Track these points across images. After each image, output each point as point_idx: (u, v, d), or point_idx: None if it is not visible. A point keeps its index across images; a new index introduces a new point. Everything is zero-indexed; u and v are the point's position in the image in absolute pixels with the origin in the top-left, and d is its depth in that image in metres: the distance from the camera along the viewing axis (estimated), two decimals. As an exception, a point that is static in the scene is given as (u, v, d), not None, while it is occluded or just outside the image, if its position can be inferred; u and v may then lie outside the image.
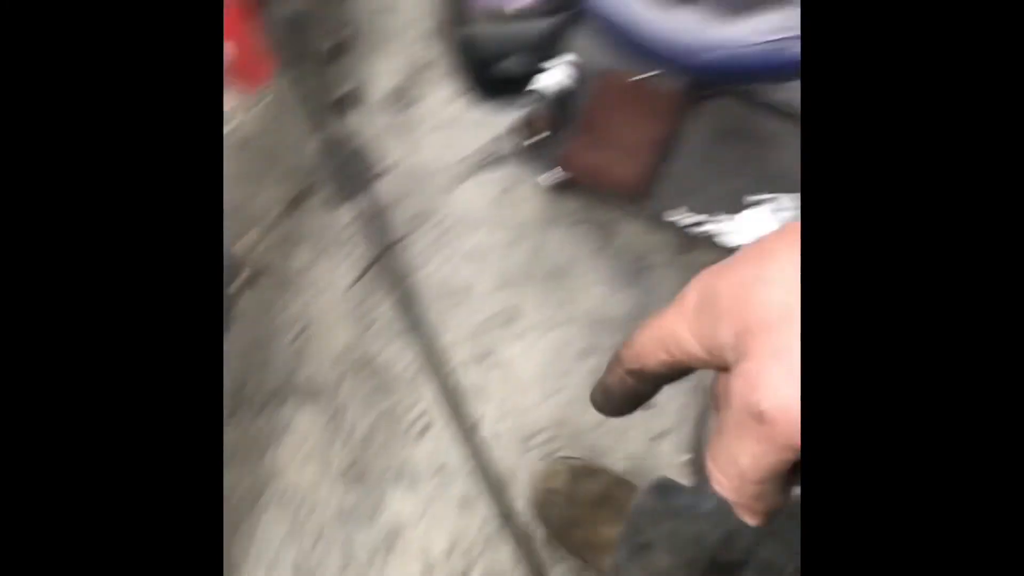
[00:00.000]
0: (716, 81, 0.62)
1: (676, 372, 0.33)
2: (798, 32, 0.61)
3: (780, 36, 0.62)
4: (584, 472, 0.92)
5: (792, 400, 0.26)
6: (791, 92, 0.96)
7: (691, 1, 0.67)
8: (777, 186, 0.94)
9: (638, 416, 0.40)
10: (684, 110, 1.00)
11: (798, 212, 0.90)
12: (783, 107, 0.98)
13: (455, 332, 1.06)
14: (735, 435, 0.28)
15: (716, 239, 0.95)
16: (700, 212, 0.95)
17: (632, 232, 1.07)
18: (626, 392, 0.35)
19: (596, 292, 1.06)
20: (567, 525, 0.92)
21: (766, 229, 0.90)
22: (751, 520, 0.31)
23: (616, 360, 0.35)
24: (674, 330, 0.32)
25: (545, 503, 0.94)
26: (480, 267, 1.10)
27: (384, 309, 1.09)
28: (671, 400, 0.98)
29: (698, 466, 0.94)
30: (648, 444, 0.97)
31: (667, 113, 1.01)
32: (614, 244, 1.07)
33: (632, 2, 0.72)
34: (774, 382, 0.27)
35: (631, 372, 0.34)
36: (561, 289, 1.07)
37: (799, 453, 0.27)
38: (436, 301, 1.09)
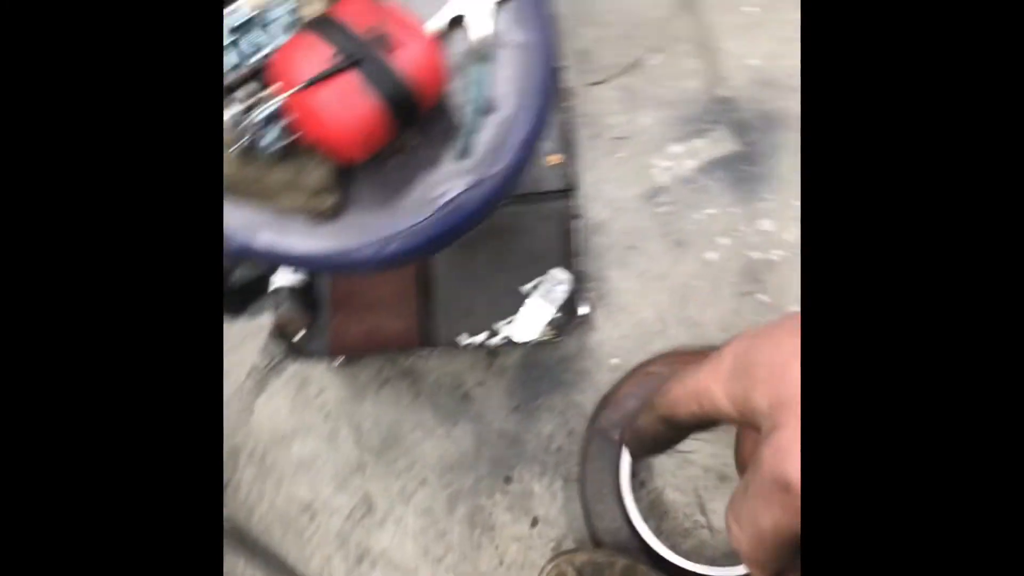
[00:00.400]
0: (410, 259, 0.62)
1: (706, 424, 0.35)
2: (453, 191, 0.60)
3: (443, 201, 0.60)
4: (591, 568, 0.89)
5: None
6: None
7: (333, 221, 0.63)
8: (541, 266, 0.98)
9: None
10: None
11: (570, 282, 0.96)
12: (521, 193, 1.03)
13: (321, 550, 1.00)
14: (760, 499, 0.30)
15: (511, 340, 0.98)
16: (484, 325, 0.98)
17: (435, 369, 1.07)
18: (656, 436, 0.37)
19: (433, 441, 1.04)
20: None
21: (545, 310, 0.95)
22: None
23: (650, 406, 0.37)
24: (708, 387, 0.33)
25: None
26: (313, 476, 1.05)
27: (245, 570, 1.01)
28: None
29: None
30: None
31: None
32: (425, 388, 1.07)
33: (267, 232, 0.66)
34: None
35: (663, 419, 0.36)
36: (400, 456, 1.05)
37: None
38: (287, 532, 1.02)
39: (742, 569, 0.85)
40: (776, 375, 0.30)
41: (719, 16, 1.14)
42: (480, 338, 0.97)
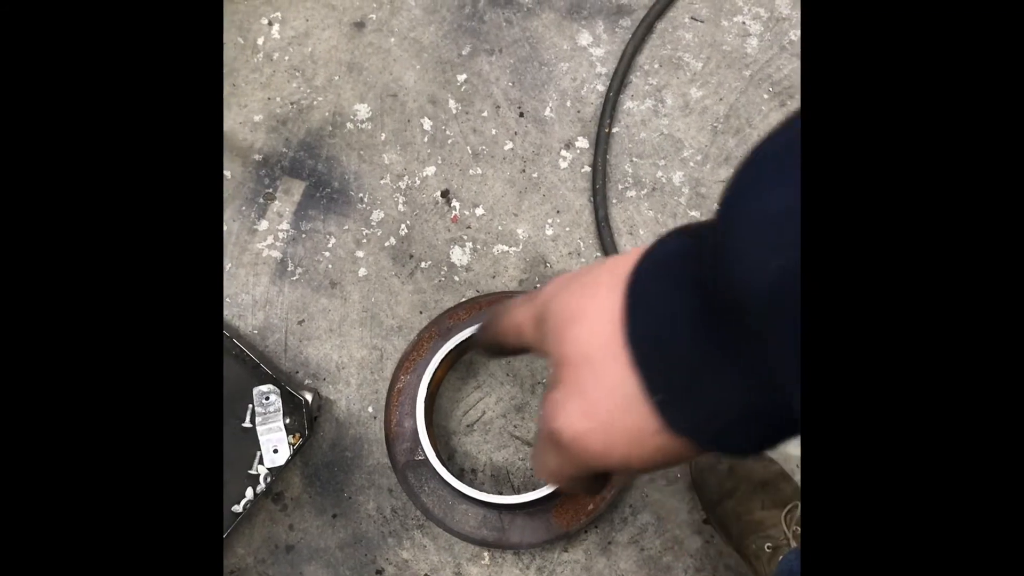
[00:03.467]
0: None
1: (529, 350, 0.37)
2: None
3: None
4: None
5: (582, 432, 0.31)
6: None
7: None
8: (243, 392, 0.97)
9: None
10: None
11: (275, 387, 0.95)
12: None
13: None
14: (543, 448, 0.33)
15: (275, 469, 0.96)
16: (241, 482, 0.95)
17: (250, 544, 1.02)
18: (497, 352, 0.39)
19: (299, 607, 1.00)
20: (722, 495, 0.90)
21: (277, 426, 0.94)
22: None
23: (484, 329, 0.39)
24: (521, 325, 0.36)
25: (706, 468, 0.92)
26: None
27: None
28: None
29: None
30: (462, 585, 0.98)
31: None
32: (249, 562, 1.02)
33: None
34: (570, 416, 0.31)
35: (495, 344, 0.38)
36: (285, 646, 0.99)
37: (596, 467, 0.32)
38: None
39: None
40: (559, 332, 0.33)
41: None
42: (250, 494, 0.94)
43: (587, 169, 1.06)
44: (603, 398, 0.31)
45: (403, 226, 1.07)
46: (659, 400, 0.30)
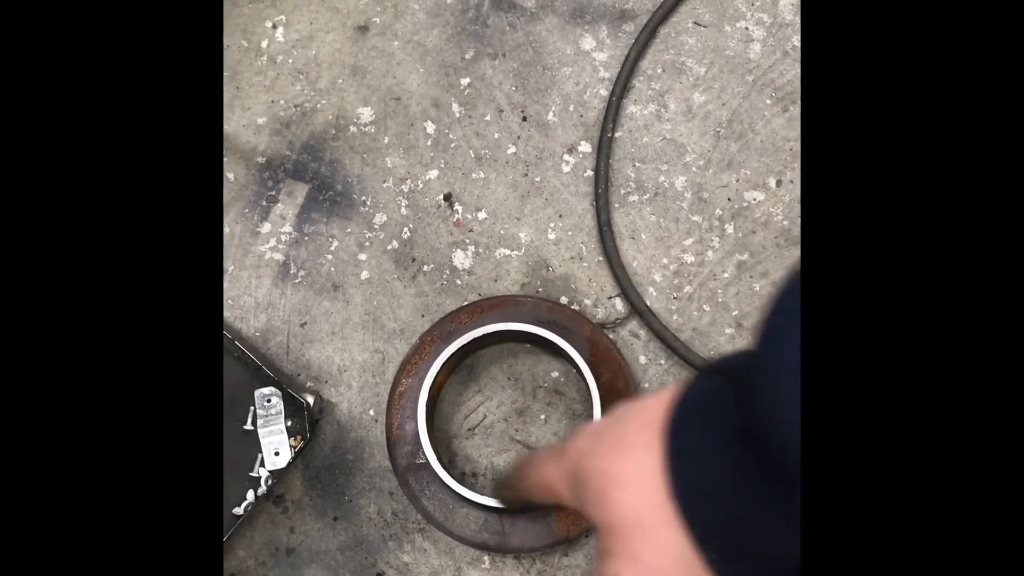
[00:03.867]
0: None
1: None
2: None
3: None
4: None
5: None
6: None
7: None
8: (244, 395, 0.97)
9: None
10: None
11: (277, 389, 0.96)
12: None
13: None
14: None
15: (276, 472, 0.96)
16: (242, 484, 0.95)
17: (247, 548, 1.02)
18: (519, 504, 0.38)
19: (299, 610, 1.00)
20: None
21: (278, 429, 0.94)
22: None
23: (510, 487, 0.38)
24: (553, 485, 0.35)
25: None
26: None
27: None
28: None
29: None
30: (462, 589, 0.98)
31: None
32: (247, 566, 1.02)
33: None
34: None
35: (523, 500, 0.38)
36: (285, 649, 0.99)
37: None
38: None
39: None
40: (600, 497, 0.32)
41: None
42: (251, 497, 0.94)
43: (589, 173, 1.06)
44: (661, 565, 0.30)
45: (405, 229, 1.07)
46: (712, 559, 0.29)
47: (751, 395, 0.28)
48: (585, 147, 1.07)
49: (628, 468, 0.31)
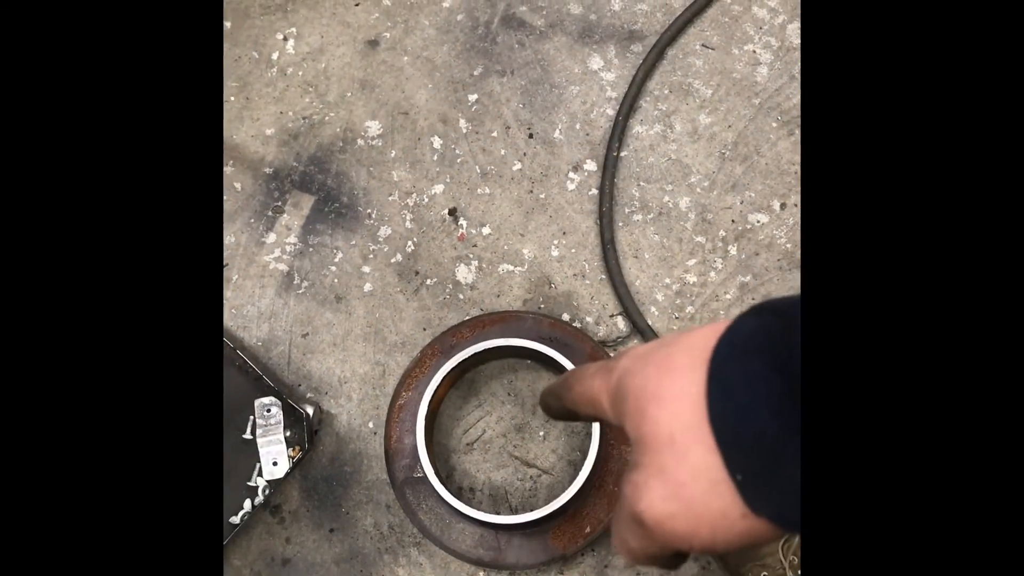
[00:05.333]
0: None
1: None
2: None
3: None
4: None
5: (666, 515, 0.31)
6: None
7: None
8: (245, 404, 0.97)
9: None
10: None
11: (277, 399, 0.96)
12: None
13: None
14: (624, 528, 0.34)
15: (273, 482, 0.96)
16: (240, 494, 0.95)
17: (242, 557, 1.02)
18: (562, 415, 0.40)
19: (293, 621, 0.99)
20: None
21: (277, 439, 0.94)
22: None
23: (556, 395, 0.39)
24: (598, 398, 0.36)
25: None
26: None
27: None
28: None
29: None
30: None
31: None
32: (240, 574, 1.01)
33: None
34: (653, 499, 0.31)
35: (568, 411, 0.38)
36: (277, 660, 0.98)
37: (679, 548, 0.32)
38: None
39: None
40: (638, 412, 0.32)
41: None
42: (248, 506, 0.94)
43: (594, 192, 1.06)
44: (687, 481, 0.30)
45: (410, 243, 1.07)
46: (739, 480, 0.30)
47: (797, 333, 0.29)
48: (590, 165, 1.08)
49: (669, 387, 0.32)
